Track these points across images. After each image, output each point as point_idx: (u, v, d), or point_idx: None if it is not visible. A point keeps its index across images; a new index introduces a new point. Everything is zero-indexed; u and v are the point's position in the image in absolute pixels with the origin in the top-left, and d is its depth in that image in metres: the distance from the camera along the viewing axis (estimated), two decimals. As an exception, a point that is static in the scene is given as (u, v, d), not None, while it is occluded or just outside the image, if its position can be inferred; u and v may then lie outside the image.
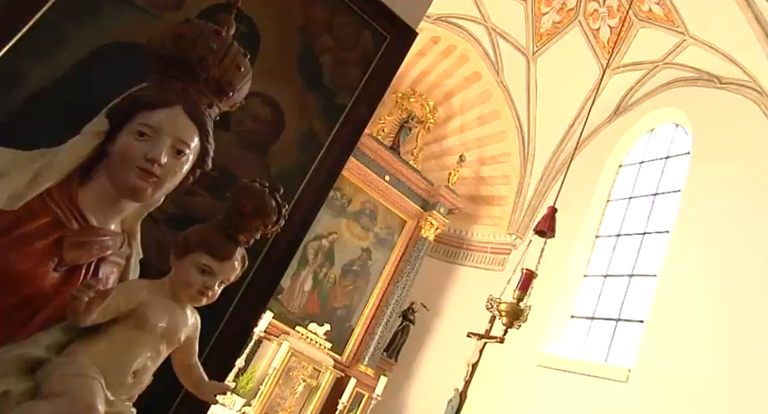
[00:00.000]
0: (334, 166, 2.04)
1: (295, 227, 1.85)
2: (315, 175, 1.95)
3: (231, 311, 1.64)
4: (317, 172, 1.95)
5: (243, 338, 1.70)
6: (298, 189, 1.90)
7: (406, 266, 6.93)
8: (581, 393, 4.98)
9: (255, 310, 1.73)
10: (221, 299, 1.56)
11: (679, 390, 4.25)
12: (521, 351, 5.89)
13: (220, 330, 1.60)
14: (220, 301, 1.65)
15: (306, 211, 1.91)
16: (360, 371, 6.20)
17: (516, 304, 3.69)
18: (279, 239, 1.78)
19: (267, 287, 1.75)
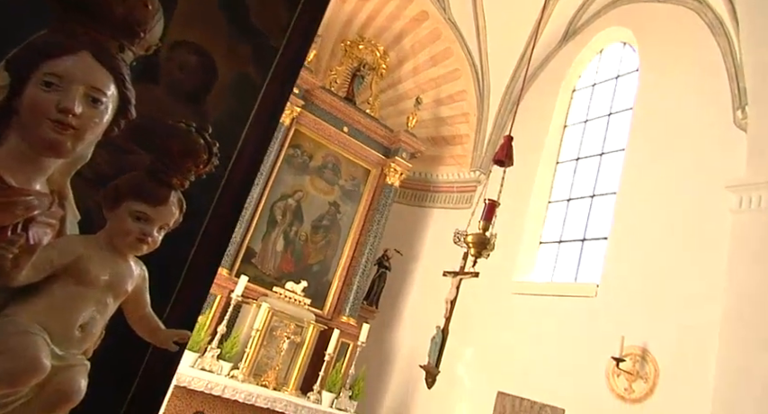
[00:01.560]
0: (274, 111, 1.99)
1: (243, 174, 1.82)
2: (256, 121, 1.90)
3: (187, 269, 1.62)
4: (257, 118, 1.90)
5: (204, 291, 1.68)
6: (240, 136, 1.85)
7: (375, 215, 6.96)
8: (554, 313, 5.21)
9: (211, 265, 1.71)
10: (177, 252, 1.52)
11: (641, 298, 4.48)
12: (495, 282, 6.07)
13: (179, 287, 1.59)
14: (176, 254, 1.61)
15: (251, 157, 1.86)
16: (342, 322, 6.32)
17: (482, 234, 3.77)
18: (227, 186, 1.75)
19: (219, 244, 1.73)
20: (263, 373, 5.47)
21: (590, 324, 4.78)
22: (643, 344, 4.27)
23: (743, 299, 3.64)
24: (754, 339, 3.45)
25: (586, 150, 6.26)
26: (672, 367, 4.05)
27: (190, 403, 4.67)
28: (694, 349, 3.93)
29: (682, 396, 3.87)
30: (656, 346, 4.21)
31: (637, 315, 4.44)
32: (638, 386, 4.16)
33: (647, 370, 4.17)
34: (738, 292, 3.69)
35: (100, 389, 1.31)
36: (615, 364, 4.24)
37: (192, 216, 1.71)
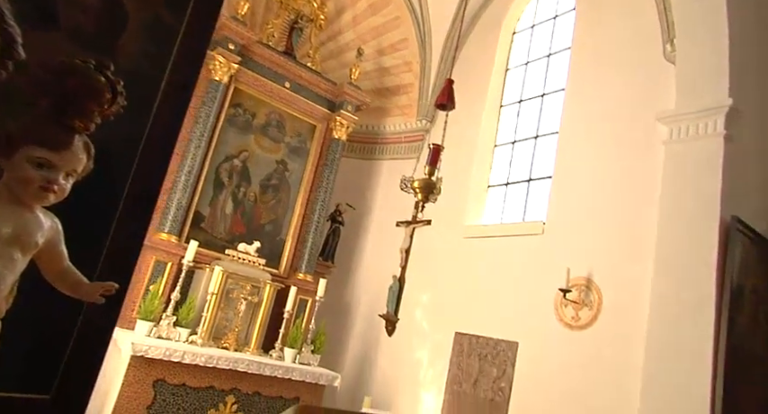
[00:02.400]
0: (195, 56, 1.88)
1: (165, 126, 1.72)
2: (175, 69, 1.78)
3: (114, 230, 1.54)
4: (176, 65, 1.78)
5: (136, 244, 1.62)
6: (160, 84, 1.74)
7: (324, 171, 6.88)
8: (504, 252, 5.38)
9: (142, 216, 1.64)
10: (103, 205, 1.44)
11: (584, 232, 4.68)
12: (447, 228, 6.19)
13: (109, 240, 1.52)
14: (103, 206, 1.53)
15: (173, 108, 1.76)
16: (299, 279, 6.33)
17: (428, 179, 3.79)
18: (150, 140, 1.66)
19: (148, 194, 1.65)
20: (222, 335, 5.46)
21: (538, 260, 4.97)
22: (587, 274, 4.49)
23: (674, 227, 3.84)
24: (684, 265, 3.67)
25: (529, 92, 6.32)
26: (613, 294, 4.28)
27: (149, 372, 4.61)
28: (632, 277, 4.15)
29: (623, 319, 4.12)
30: (600, 275, 4.43)
31: (581, 248, 4.64)
32: (584, 314, 4.40)
33: (591, 298, 4.40)
34: (670, 220, 3.88)
35: (24, 348, 1.25)
36: (563, 295, 4.45)
37: (116, 166, 1.62)
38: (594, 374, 4.14)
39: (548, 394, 4.41)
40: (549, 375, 4.47)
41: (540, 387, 4.50)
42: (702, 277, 3.53)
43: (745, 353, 3.51)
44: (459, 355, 5.39)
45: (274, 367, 5.26)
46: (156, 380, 4.68)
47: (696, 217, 3.72)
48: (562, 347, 4.46)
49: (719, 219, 3.61)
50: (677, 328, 3.53)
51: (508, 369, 4.83)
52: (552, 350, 4.53)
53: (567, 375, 4.32)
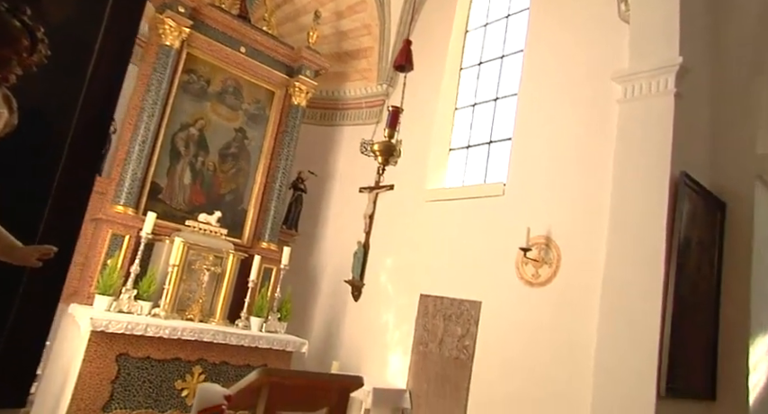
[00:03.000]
0: (132, 9, 1.77)
1: (104, 83, 1.63)
2: (112, 22, 1.68)
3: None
4: (113, 18, 1.68)
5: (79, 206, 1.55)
6: (96, 38, 1.64)
7: (284, 138, 6.75)
8: (466, 214, 5.45)
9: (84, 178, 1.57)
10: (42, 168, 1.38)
11: (544, 191, 4.77)
12: (410, 193, 6.22)
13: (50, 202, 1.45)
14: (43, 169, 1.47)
15: (112, 64, 1.67)
16: (262, 248, 6.28)
17: (388, 141, 3.76)
18: (89, 98, 1.58)
19: (89, 154, 1.58)
20: (186, 307, 5.40)
21: (499, 220, 5.06)
22: (547, 233, 4.60)
23: (627, 183, 3.94)
24: (637, 220, 3.79)
25: (488, 54, 6.30)
26: (572, 251, 4.41)
27: (111, 347, 4.53)
28: (590, 233, 4.28)
29: (580, 274, 4.26)
30: (558, 233, 4.55)
31: (540, 207, 4.74)
32: (544, 271, 4.53)
33: (550, 256, 4.53)
34: (624, 177, 3.98)
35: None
36: (523, 253, 4.56)
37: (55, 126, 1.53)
38: (554, 327, 4.30)
39: (510, 349, 4.57)
40: (511, 331, 4.62)
41: (503, 343, 4.65)
42: (653, 231, 3.66)
43: (690, 299, 3.69)
44: (424, 317, 5.50)
45: (241, 336, 5.25)
46: (120, 354, 4.62)
47: (648, 173, 3.83)
48: (523, 304, 4.60)
49: (669, 174, 3.73)
50: (630, 279, 3.67)
51: (472, 328, 4.96)
52: (514, 307, 4.66)
53: (529, 330, 4.48)
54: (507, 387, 4.48)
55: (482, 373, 4.75)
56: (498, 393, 4.54)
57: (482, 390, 4.70)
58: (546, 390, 4.20)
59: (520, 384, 4.39)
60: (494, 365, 4.67)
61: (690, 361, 3.67)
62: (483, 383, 4.71)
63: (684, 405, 3.62)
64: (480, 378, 4.75)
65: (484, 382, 4.71)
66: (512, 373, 4.49)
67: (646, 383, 3.39)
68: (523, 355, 4.45)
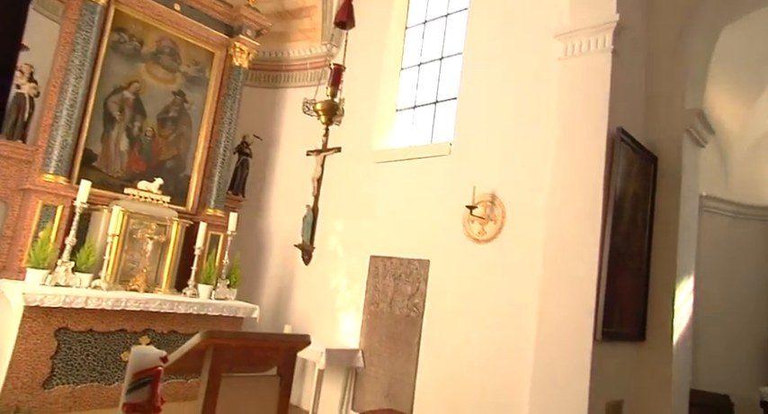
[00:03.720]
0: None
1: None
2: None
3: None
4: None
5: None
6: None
7: (227, 101, 6.51)
8: (414, 175, 5.48)
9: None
10: None
11: (489, 150, 4.84)
12: (357, 154, 6.17)
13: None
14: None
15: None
16: (208, 215, 6.13)
17: (331, 100, 3.68)
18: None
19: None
20: (130, 278, 5.23)
21: (446, 180, 5.11)
22: (492, 191, 4.69)
23: (568, 140, 4.04)
24: (577, 175, 3.91)
25: (433, 13, 6.22)
26: (516, 207, 4.53)
27: (48, 322, 4.36)
28: (533, 189, 4.40)
29: (524, 230, 4.40)
30: (503, 191, 4.65)
31: (486, 165, 4.81)
32: (490, 228, 4.64)
33: (496, 213, 4.63)
34: (565, 134, 4.07)
35: None
36: (469, 211, 4.64)
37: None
38: (500, 281, 4.45)
39: (459, 304, 4.70)
40: (459, 287, 4.74)
41: (452, 299, 4.78)
42: (592, 185, 3.79)
43: (624, 249, 3.89)
44: (374, 278, 5.56)
45: (189, 305, 5.17)
46: (59, 328, 4.45)
47: (587, 129, 3.93)
48: (471, 260, 4.71)
49: (607, 130, 3.84)
50: (570, 232, 3.82)
51: (421, 286, 5.07)
52: (461, 264, 4.78)
53: (476, 285, 4.61)
54: (456, 341, 4.64)
55: (432, 329, 4.89)
56: (448, 347, 4.69)
57: (432, 345, 4.85)
58: (492, 339, 4.37)
59: (468, 337, 4.55)
60: (443, 321, 4.81)
61: (623, 307, 3.90)
62: (433, 339, 4.86)
63: (618, 347, 3.86)
64: (430, 334, 4.89)
65: (434, 338, 4.85)
66: (460, 328, 4.64)
67: (583, 329, 3.58)
68: (471, 309, 4.60)
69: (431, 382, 4.76)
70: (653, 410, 4.04)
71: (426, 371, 4.82)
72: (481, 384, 4.36)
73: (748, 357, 7.05)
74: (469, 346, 4.52)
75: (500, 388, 4.23)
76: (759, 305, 7.13)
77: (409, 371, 4.92)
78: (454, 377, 4.57)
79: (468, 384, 4.46)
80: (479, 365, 4.42)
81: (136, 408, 1.64)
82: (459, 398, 4.49)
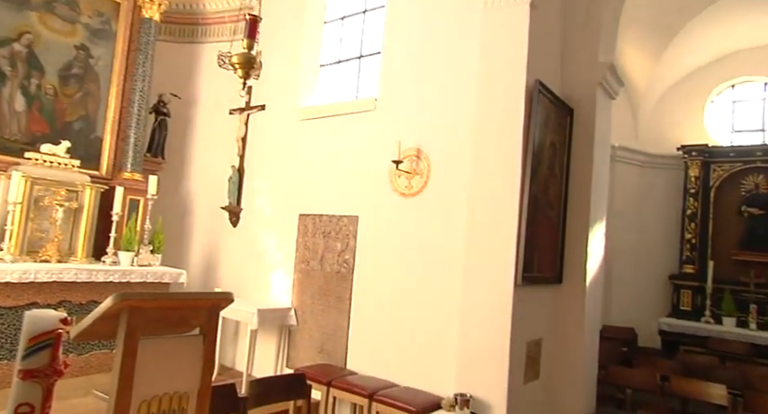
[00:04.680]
0: None
1: None
2: None
3: None
4: None
5: None
6: None
7: (138, 57, 6.06)
8: (340, 131, 5.40)
9: None
10: None
11: (413, 104, 4.84)
12: (282, 112, 6.00)
13: None
14: None
15: None
16: (125, 178, 5.79)
17: (247, 53, 3.50)
18: None
19: None
20: (39, 248, 4.90)
21: (372, 135, 5.09)
22: (417, 145, 4.72)
23: (489, 92, 4.10)
24: (498, 127, 4.00)
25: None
26: (441, 161, 4.60)
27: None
28: (457, 142, 4.47)
29: (449, 182, 4.49)
30: (428, 145, 4.69)
31: (411, 119, 4.82)
32: (416, 182, 4.70)
33: (421, 167, 4.69)
34: (486, 87, 4.12)
35: None
36: (396, 166, 4.66)
37: None
38: (427, 232, 4.55)
39: (389, 258, 4.79)
40: (388, 241, 4.81)
41: (382, 253, 4.85)
42: (512, 136, 3.90)
43: (543, 198, 4.08)
44: (304, 236, 5.53)
45: (108, 273, 4.94)
46: (-40, 305, 4.13)
47: (507, 82, 4.01)
48: (398, 214, 4.78)
49: (525, 82, 3.94)
50: (492, 182, 3.94)
51: (351, 242, 5.10)
52: (390, 218, 4.84)
53: (405, 238, 4.70)
54: (387, 293, 4.74)
55: (363, 284, 4.96)
56: (379, 300, 4.80)
57: (363, 299, 4.93)
58: (421, 288, 4.51)
59: (398, 289, 4.66)
60: (373, 275, 4.89)
61: (542, 252, 4.12)
62: (364, 293, 4.94)
63: (537, 290, 4.10)
64: (361, 288, 4.97)
65: (365, 292, 4.93)
66: (390, 280, 4.74)
67: (505, 275, 3.76)
68: (400, 261, 4.69)
69: (363, 335, 4.87)
70: (569, 346, 4.36)
71: (359, 324, 4.92)
72: (412, 332, 4.52)
73: (653, 293, 7.74)
74: (399, 297, 4.65)
75: (429, 334, 4.40)
76: (664, 246, 7.78)
77: (342, 326, 5.01)
78: (386, 328, 4.70)
79: (399, 334, 4.60)
80: (409, 314, 4.56)
81: (34, 374, 1.55)
82: (391, 348, 4.63)
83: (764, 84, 7.67)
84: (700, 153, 7.48)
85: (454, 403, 3.70)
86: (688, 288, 7.30)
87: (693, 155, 7.51)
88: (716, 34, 7.32)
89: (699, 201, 7.45)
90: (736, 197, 7.28)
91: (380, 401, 4.01)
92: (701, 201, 7.44)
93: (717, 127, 7.91)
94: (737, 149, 7.39)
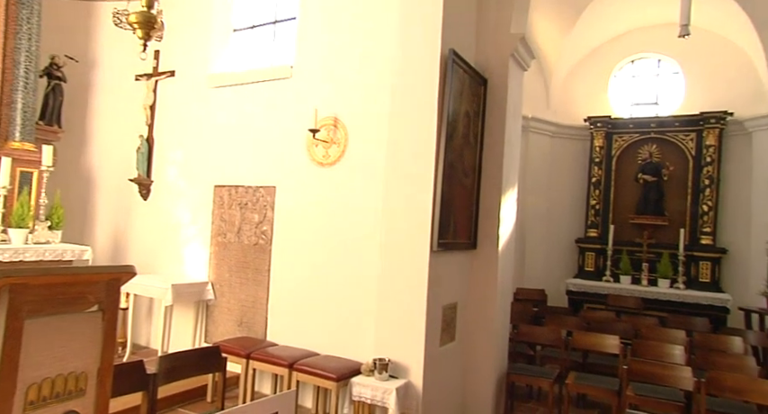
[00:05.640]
0: None
1: None
2: None
3: None
4: None
5: None
6: None
7: (20, 12, 5.44)
8: (254, 99, 5.21)
9: None
10: None
11: (329, 72, 4.75)
12: (193, 79, 5.68)
13: None
14: None
15: None
16: (14, 149, 5.25)
17: (146, 11, 3.24)
18: None
19: None
20: None
21: (288, 104, 4.95)
22: (334, 114, 4.66)
23: (405, 61, 4.08)
24: (414, 95, 4.01)
25: None
26: (358, 130, 4.57)
27: None
28: (374, 112, 4.45)
29: (367, 151, 4.48)
30: (345, 113, 4.63)
31: (327, 88, 4.73)
32: (333, 151, 4.65)
33: (339, 136, 4.63)
34: (402, 56, 4.10)
35: None
36: (312, 135, 4.58)
37: None
38: (345, 202, 4.54)
39: (307, 228, 4.74)
40: (306, 211, 4.76)
41: (300, 223, 4.79)
42: (427, 105, 3.93)
43: (458, 166, 4.18)
44: (220, 208, 5.34)
45: (0, 251, 4.52)
46: None
47: (422, 51, 4.00)
48: (316, 184, 4.72)
49: (440, 52, 3.96)
50: (408, 151, 3.96)
51: (268, 213, 4.99)
52: (307, 188, 4.77)
53: (323, 207, 4.66)
54: (306, 263, 4.72)
55: (281, 255, 4.90)
56: (298, 271, 4.76)
57: (283, 270, 4.88)
58: (340, 258, 4.52)
59: (317, 259, 4.65)
60: (292, 246, 4.83)
61: (458, 219, 4.24)
62: (283, 264, 4.88)
63: (453, 256, 4.23)
64: (280, 260, 4.90)
65: (284, 263, 4.88)
66: (309, 250, 4.71)
67: (421, 241, 3.84)
68: (319, 231, 4.67)
69: (283, 307, 4.83)
70: (483, 309, 4.57)
71: (278, 296, 4.87)
72: (332, 302, 4.54)
73: (562, 256, 8.27)
74: (318, 267, 4.64)
75: (349, 303, 4.44)
76: (572, 212, 8.29)
77: (261, 298, 4.93)
78: (306, 299, 4.69)
79: (319, 303, 4.61)
80: (329, 284, 4.57)
81: None
82: (311, 318, 4.64)
83: (657, 60, 8.24)
84: (603, 124, 7.96)
85: (373, 368, 3.78)
86: (592, 251, 7.86)
87: (598, 126, 7.98)
88: (617, 12, 7.73)
89: (603, 169, 7.96)
90: (634, 165, 7.85)
91: (300, 370, 4.02)
92: (605, 169, 7.96)
93: (619, 100, 8.44)
94: (635, 121, 7.94)
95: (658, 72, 8.26)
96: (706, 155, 7.28)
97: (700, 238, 7.22)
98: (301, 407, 4.46)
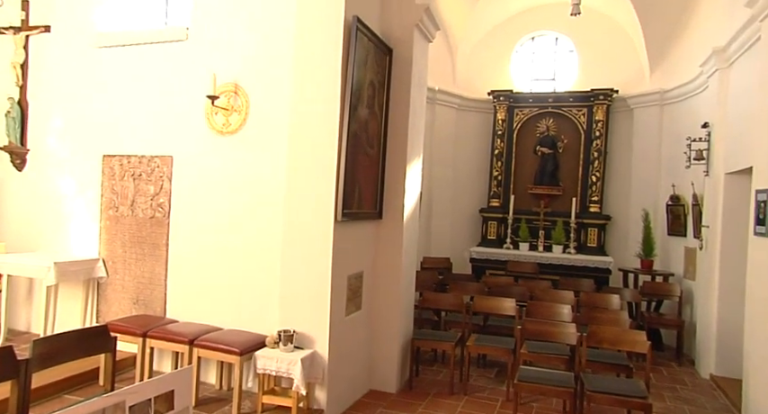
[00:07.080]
0: None
1: None
2: None
3: None
4: None
5: None
6: None
7: None
8: (147, 62, 4.83)
9: None
10: None
11: (230, 36, 4.49)
12: (74, 37, 5.16)
13: None
14: None
15: None
16: None
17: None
18: None
19: None
20: None
21: (184, 68, 4.64)
22: (235, 80, 4.43)
23: (307, 27, 3.94)
24: (316, 64, 3.89)
25: None
26: (260, 97, 4.39)
27: None
28: (276, 78, 4.28)
29: (269, 120, 4.33)
30: (246, 80, 4.42)
31: (227, 52, 4.48)
32: (234, 119, 4.44)
33: (240, 103, 4.42)
34: (303, 22, 3.95)
35: None
36: (211, 102, 4.33)
37: None
38: (247, 172, 4.38)
39: (207, 199, 4.53)
40: (206, 182, 4.54)
41: (199, 195, 4.57)
42: (330, 72, 3.85)
43: (363, 136, 4.15)
44: (111, 179, 4.95)
45: None
46: None
47: (325, 17, 3.89)
48: (216, 154, 4.50)
49: (344, 19, 3.86)
50: (312, 120, 3.88)
51: (165, 184, 4.70)
52: (207, 158, 4.54)
53: (224, 178, 4.47)
54: (207, 236, 4.52)
55: (180, 228, 4.66)
56: (199, 244, 4.56)
57: (182, 244, 4.65)
58: (243, 229, 4.38)
59: (219, 231, 4.47)
60: (192, 219, 4.61)
61: (363, 189, 4.24)
62: (182, 238, 4.65)
63: (358, 225, 4.25)
64: (179, 233, 4.66)
65: (183, 237, 4.64)
66: (211, 223, 4.51)
67: (326, 211, 3.81)
68: (220, 203, 4.48)
69: (184, 282, 4.62)
70: (389, 277, 4.65)
71: (178, 271, 4.65)
72: (235, 275, 4.41)
73: (467, 225, 8.61)
74: (220, 240, 4.47)
75: (253, 275, 4.34)
76: (477, 182, 8.61)
77: (159, 274, 4.68)
78: (208, 273, 4.51)
79: (221, 277, 4.46)
80: (231, 257, 4.43)
81: None
82: (214, 292, 4.48)
83: (555, 38, 8.66)
84: (506, 98, 8.27)
85: (278, 340, 3.74)
86: (494, 220, 8.25)
87: (501, 100, 8.28)
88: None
89: (504, 141, 8.31)
90: (533, 138, 8.28)
91: (201, 346, 3.90)
92: (506, 141, 8.31)
93: (520, 75, 8.79)
94: (534, 96, 8.33)
95: (556, 49, 8.69)
96: (595, 129, 7.83)
97: (589, 207, 7.81)
98: (204, 383, 4.33)
